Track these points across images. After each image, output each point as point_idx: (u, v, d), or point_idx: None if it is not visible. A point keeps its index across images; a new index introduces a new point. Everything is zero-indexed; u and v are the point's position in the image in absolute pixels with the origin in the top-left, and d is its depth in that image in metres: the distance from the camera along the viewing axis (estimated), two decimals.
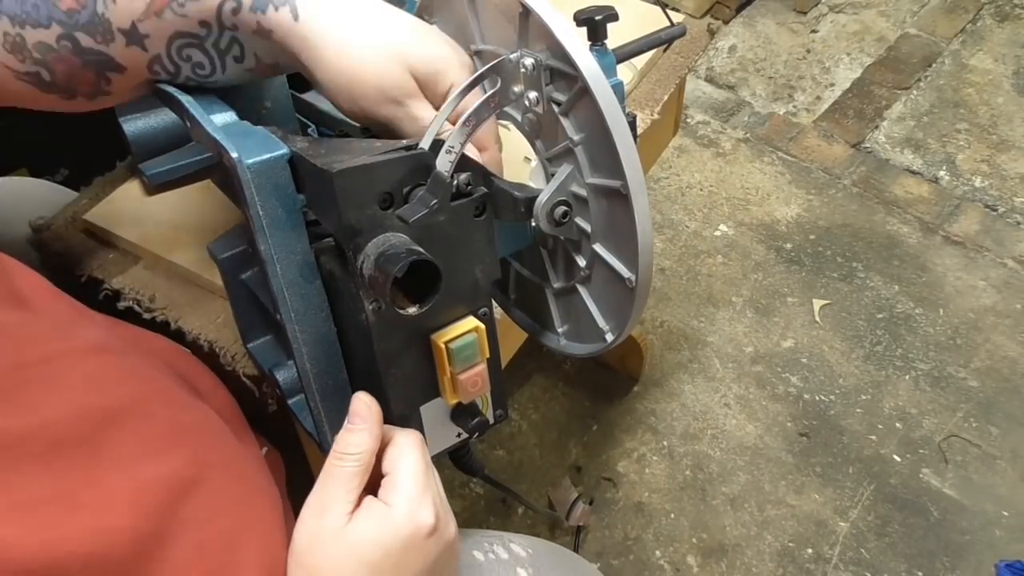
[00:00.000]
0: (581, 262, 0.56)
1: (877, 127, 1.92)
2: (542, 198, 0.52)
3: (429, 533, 0.48)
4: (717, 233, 1.73)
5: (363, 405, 0.50)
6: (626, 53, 0.66)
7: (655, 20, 0.92)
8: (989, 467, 1.39)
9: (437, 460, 0.56)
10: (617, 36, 0.90)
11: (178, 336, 0.71)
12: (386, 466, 0.49)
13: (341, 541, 0.46)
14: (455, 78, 0.52)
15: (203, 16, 0.51)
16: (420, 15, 0.62)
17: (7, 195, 0.84)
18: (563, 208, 0.53)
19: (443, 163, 0.49)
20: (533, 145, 0.57)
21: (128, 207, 0.78)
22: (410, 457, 0.49)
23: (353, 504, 0.47)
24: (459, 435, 0.57)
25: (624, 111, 0.49)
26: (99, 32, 0.51)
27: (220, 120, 0.54)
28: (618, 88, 0.54)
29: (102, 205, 0.78)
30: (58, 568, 0.38)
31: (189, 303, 0.71)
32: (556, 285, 0.60)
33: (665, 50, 0.93)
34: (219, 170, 0.59)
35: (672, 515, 1.36)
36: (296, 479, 0.77)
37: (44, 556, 0.38)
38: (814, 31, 2.16)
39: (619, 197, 0.50)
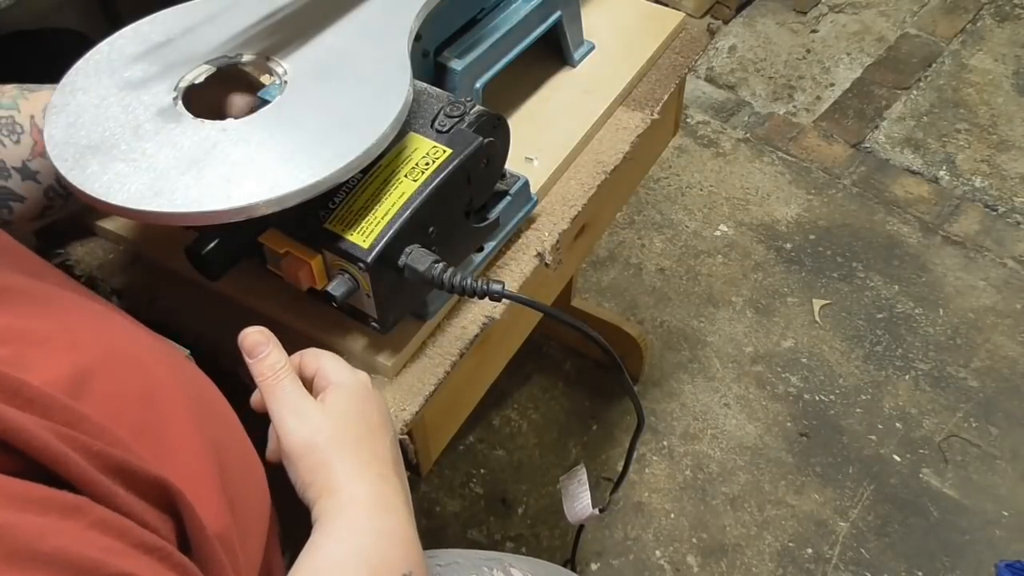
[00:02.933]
0: None
1: (877, 127, 1.92)
2: None
3: (369, 383, 0.56)
4: (717, 233, 1.73)
5: (255, 334, 0.54)
6: None
7: (655, 20, 0.92)
8: (989, 467, 1.39)
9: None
10: (618, 35, 0.90)
11: (177, 337, 0.71)
12: (308, 372, 0.55)
13: (331, 418, 0.52)
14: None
15: None
16: None
17: None
18: None
19: None
20: None
21: None
22: (319, 353, 0.56)
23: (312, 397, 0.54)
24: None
25: None
26: None
27: None
28: None
29: None
30: None
31: (189, 304, 0.71)
32: None
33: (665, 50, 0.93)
34: None
35: (672, 515, 1.36)
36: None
37: None
38: (814, 31, 2.16)
39: None
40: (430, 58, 0.73)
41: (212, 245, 0.57)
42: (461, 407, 0.79)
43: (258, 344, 0.54)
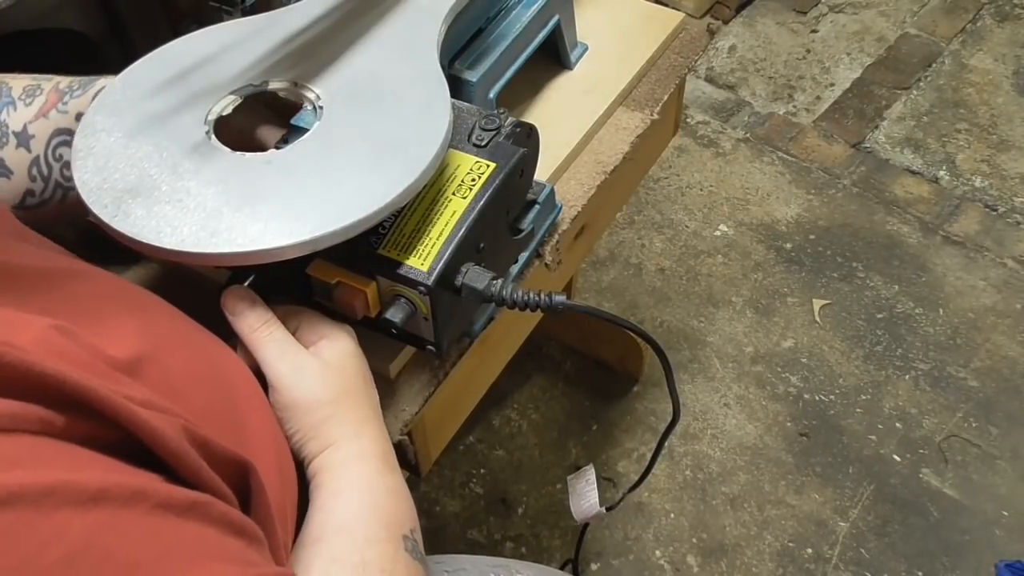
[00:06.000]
0: None
1: (877, 127, 1.92)
2: None
3: (355, 335, 0.56)
4: (717, 233, 1.73)
5: (237, 290, 0.54)
6: None
7: (655, 20, 0.92)
8: (989, 467, 1.39)
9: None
10: (619, 36, 0.90)
11: None
12: (289, 328, 0.54)
13: (333, 372, 0.52)
14: None
15: (79, 108, 0.57)
16: None
17: None
18: None
19: None
20: None
21: None
22: (294, 308, 0.56)
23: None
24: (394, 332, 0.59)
25: None
26: None
27: None
28: None
29: None
30: None
31: (190, 303, 0.71)
32: None
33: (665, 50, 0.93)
34: None
35: (672, 515, 1.36)
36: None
37: None
38: (814, 31, 2.16)
39: None
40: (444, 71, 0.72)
41: (248, 282, 0.56)
42: (461, 407, 0.79)
43: (241, 299, 0.53)
